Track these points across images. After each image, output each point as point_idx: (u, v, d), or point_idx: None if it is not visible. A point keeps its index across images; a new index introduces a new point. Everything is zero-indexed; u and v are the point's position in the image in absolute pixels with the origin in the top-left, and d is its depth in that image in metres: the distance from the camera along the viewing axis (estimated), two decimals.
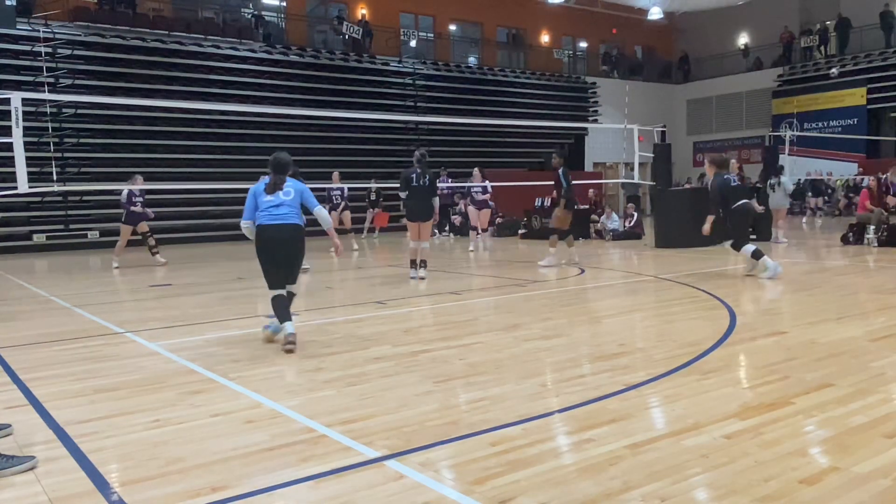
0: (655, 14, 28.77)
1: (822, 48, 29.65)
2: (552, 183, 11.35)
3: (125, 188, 12.54)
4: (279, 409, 3.94)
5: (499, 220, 19.66)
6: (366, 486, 2.86)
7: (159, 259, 13.02)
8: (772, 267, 8.67)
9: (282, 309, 5.53)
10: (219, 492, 2.84)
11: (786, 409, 3.67)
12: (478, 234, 14.68)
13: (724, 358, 4.86)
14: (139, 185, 12.44)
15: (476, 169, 15.17)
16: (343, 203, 15.40)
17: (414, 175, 9.48)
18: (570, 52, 32.35)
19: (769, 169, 14.89)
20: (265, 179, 5.75)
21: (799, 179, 23.12)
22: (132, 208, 12.43)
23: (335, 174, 15.62)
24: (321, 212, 5.82)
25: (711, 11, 31.46)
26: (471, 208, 15.05)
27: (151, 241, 13.04)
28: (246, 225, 5.67)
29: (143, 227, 12.76)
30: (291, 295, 5.75)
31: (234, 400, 4.15)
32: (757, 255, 8.82)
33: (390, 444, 3.32)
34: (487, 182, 14.81)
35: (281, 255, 5.57)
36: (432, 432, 3.47)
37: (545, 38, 31.40)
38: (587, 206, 18.96)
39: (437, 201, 9.94)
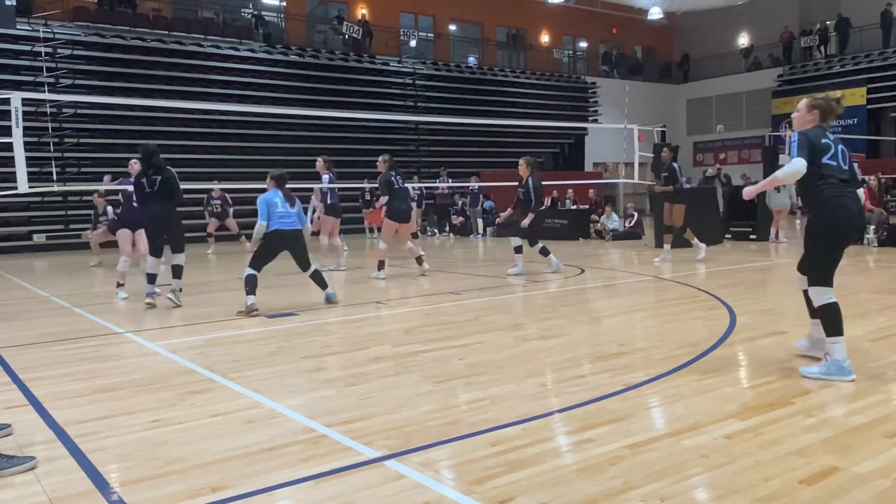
0: (655, 14, 28.78)
1: (822, 48, 29.66)
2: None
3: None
4: (279, 409, 3.94)
5: (498, 219, 19.63)
6: (366, 486, 2.86)
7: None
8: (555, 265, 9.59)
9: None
10: (219, 492, 2.84)
11: (786, 409, 3.67)
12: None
13: (724, 358, 4.86)
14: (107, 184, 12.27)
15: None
16: (223, 210, 14.97)
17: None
18: (570, 52, 32.36)
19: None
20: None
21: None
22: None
23: (215, 180, 15.14)
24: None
25: (711, 11, 31.47)
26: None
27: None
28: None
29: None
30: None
31: (234, 400, 4.15)
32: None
33: (390, 444, 3.32)
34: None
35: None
36: (432, 432, 3.47)
37: (545, 38, 31.41)
38: (587, 206, 18.99)
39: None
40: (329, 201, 11.35)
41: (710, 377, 4.34)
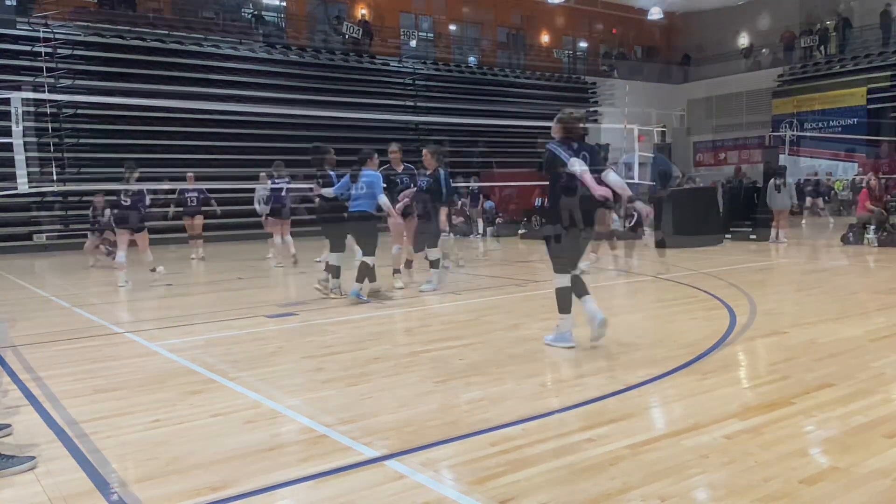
0: (655, 14, 28.80)
1: (822, 48, 29.66)
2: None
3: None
4: (279, 409, 3.94)
5: (499, 219, 19.68)
6: (366, 486, 2.86)
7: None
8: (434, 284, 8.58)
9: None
10: (219, 492, 2.84)
11: (786, 409, 3.67)
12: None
13: (724, 358, 4.86)
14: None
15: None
16: (198, 207, 14.15)
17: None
18: (570, 52, 32.36)
19: (774, 169, 14.82)
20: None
21: (799, 179, 23.15)
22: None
23: (189, 175, 14.37)
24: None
25: (712, 11, 31.47)
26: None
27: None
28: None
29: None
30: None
31: (234, 400, 4.15)
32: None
33: (390, 444, 3.32)
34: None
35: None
36: (432, 432, 3.47)
37: (545, 38, 31.41)
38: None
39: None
40: (269, 204, 11.83)
41: (710, 377, 4.33)
